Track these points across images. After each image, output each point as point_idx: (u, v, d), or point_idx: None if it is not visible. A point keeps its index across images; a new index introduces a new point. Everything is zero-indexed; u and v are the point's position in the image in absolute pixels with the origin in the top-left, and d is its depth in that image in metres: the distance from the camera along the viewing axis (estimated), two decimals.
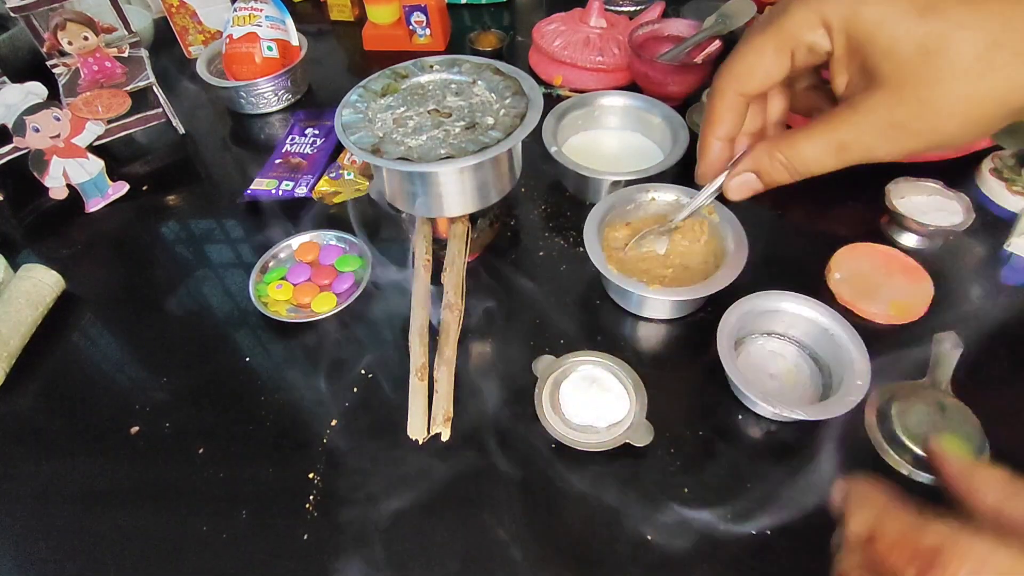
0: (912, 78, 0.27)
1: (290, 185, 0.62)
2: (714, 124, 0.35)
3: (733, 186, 0.35)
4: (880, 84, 0.28)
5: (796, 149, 0.32)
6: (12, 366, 0.50)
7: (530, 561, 0.38)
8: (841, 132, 0.30)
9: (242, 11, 0.73)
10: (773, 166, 0.33)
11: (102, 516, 0.42)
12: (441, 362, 0.45)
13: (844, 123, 0.30)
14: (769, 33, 0.31)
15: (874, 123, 0.29)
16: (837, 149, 0.30)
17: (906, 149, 0.29)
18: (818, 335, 0.46)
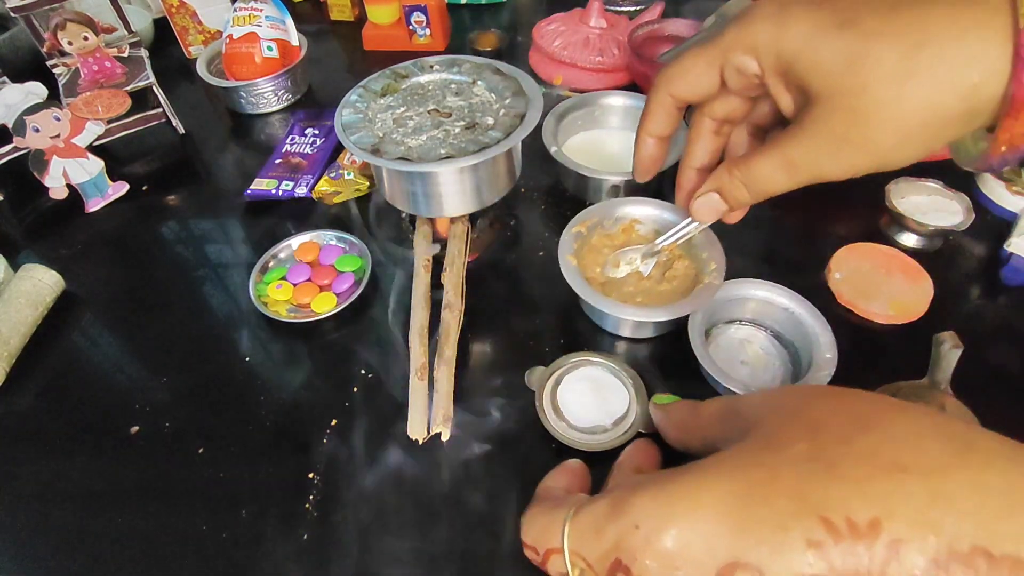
0: (840, 89, 0.27)
1: (290, 185, 0.62)
2: (645, 120, 0.37)
3: (697, 206, 0.37)
4: (815, 99, 0.28)
5: (751, 168, 0.32)
6: (12, 366, 0.50)
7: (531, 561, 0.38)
8: (789, 150, 0.30)
9: (242, 11, 0.73)
10: (733, 183, 0.34)
11: (102, 516, 0.42)
12: (441, 362, 0.45)
13: (791, 140, 0.30)
14: (705, 46, 0.32)
15: (815, 138, 0.29)
16: (787, 167, 0.31)
17: (851, 165, 0.29)
18: (782, 317, 0.47)
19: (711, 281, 0.45)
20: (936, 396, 0.42)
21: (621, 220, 0.51)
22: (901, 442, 0.18)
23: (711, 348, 0.47)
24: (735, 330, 0.48)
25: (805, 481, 0.19)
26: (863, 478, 0.18)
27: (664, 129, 0.37)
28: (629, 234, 0.51)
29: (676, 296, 0.47)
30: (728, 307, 0.48)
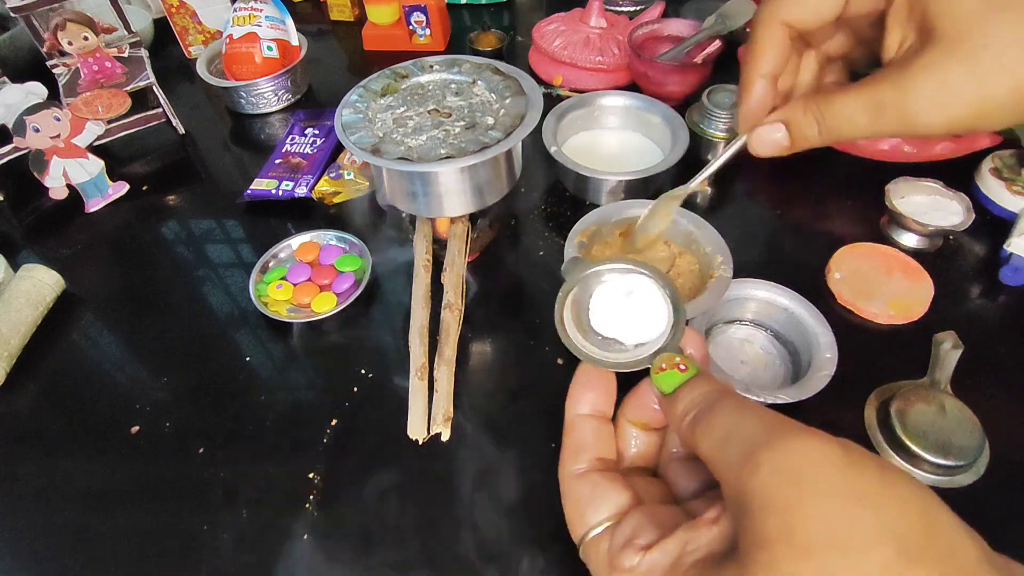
0: (970, 34, 0.25)
1: (290, 185, 0.62)
2: (756, 58, 0.31)
3: (759, 135, 0.32)
4: (935, 41, 0.26)
5: (832, 104, 0.29)
6: (12, 366, 0.50)
7: (532, 561, 0.38)
8: (882, 91, 0.27)
9: (242, 11, 0.73)
10: (806, 119, 0.30)
11: (102, 516, 0.42)
12: (441, 362, 0.45)
13: (887, 81, 0.27)
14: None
15: (922, 80, 0.26)
16: (874, 109, 0.27)
17: (948, 117, 0.26)
18: (782, 317, 0.47)
19: (721, 275, 0.45)
20: (936, 396, 0.42)
21: (619, 224, 0.51)
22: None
23: (711, 348, 0.47)
24: (735, 330, 0.48)
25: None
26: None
27: (778, 66, 0.31)
28: (628, 237, 0.51)
29: (684, 293, 0.48)
30: (728, 307, 0.48)
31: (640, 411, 0.28)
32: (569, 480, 0.27)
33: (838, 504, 0.18)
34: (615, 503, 0.25)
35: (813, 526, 0.18)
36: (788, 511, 0.18)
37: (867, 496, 0.18)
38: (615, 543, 0.23)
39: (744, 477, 0.20)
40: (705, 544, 0.21)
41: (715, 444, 0.22)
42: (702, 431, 0.23)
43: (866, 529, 0.17)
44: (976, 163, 0.57)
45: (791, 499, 0.18)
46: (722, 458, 0.21)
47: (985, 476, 0.40)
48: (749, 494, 0.20)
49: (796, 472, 0.19)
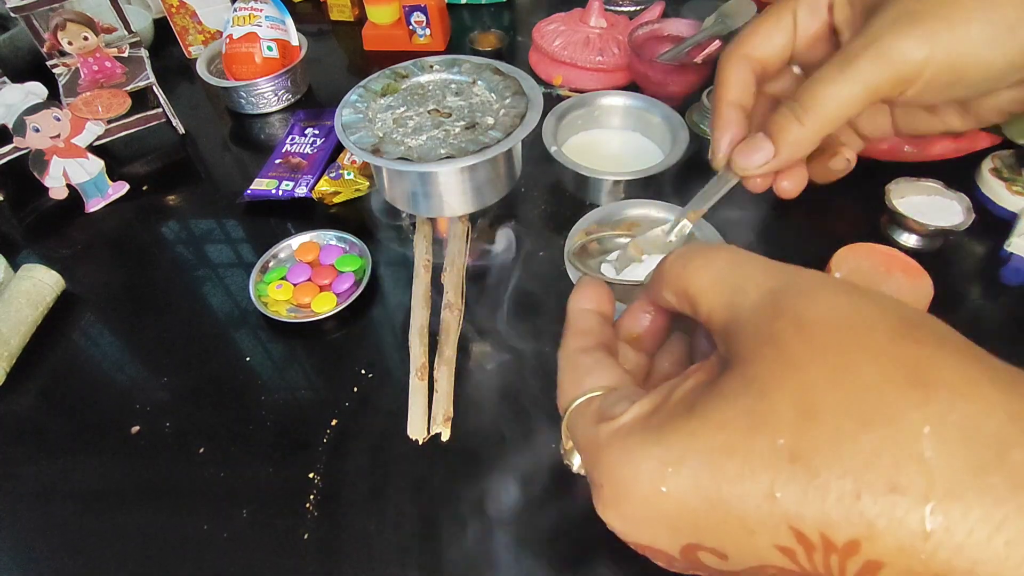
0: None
1: (290, 185, 0.62)
2: (723, 87, 0.32)
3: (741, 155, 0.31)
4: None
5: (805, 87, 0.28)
6: (12, 366, 0.50)
7: (533, 561, 0.38)
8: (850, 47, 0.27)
9: (242, 11, 0.73)
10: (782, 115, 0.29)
11: (102, 516, 0.42)
12: (441, 362, 0.45)
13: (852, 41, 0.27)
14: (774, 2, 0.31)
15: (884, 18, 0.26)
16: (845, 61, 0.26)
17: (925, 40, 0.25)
18: None
19: None
20: None
21: (619, 224, 0.51)
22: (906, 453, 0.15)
23: None
24: None
25: (781, 483, 0.16)
26: (849, 495, 0.15)
27: (745, 95, 0.32)
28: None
29: None
30: None
31: (633, 323, 0.28)
32: (572, 353, 0.26)
33: (843, 295, 0.19)
34: (618, 376, 0.24)
35: (821, 310, 0.18)
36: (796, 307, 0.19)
37: (868, 294, 0.19)
38: (608, 399, 0.22)
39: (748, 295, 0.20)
40: (692, 379, 0.21)
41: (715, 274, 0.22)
42: (700, 263, 0.22)
43: (871, 307, 0.18)
44: (976, 163, 0.57)
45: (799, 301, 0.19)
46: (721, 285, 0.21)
47: None
48: (753, 309, 0.20)
49: (800, 284, 0.20)
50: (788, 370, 0.17)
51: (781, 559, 0.17)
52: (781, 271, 0.21)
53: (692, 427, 0.18)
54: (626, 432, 0.20)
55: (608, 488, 0.19)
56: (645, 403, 0.21)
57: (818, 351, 0.17)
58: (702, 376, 0.20)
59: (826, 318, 0.18)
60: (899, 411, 0.16)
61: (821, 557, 0.16)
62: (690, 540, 0.18)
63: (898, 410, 0.16)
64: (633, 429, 0.20)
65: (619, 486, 0.19)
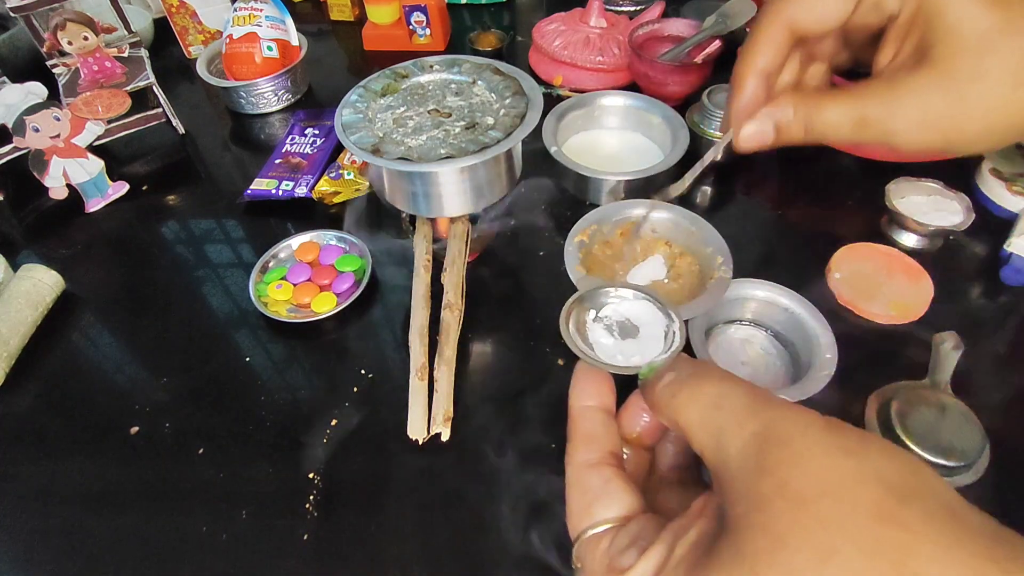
0: (962, 67, 0.26)
1: (290, 185, 0.62)
2: (755, 54, 0.31)
3: (748, 132, 0.32)
4: (928, 65, 0.27)
5: (819, 108, 0.30)
6: (12, 366, 0.50)
7: (532, 561, 0.38)
8: (868, 105, 0.28)
9: (242, 11, 0.73)
10: (795, 121, 0.31)
11: (102, 516, 0.42)
12: (441, 362, 0.45)
13: (875, 97, 0.28)
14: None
15: (906, 105, 0.27)
16: (857, 122, 0.29)
17: (923, 143, 0.28)
18: (782, 317, 0.46)
19: (721, 276, 0.45)
20: (936, 397, 0.42)
21: (619, 224, 0.51)
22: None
23: (711, 348, 0.47)
24: (735, 330, 0.48)
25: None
26: None
27: (773, 66, 0.32)
28: (627, 237, 0.51)
29: (684, 294, 0.47)
30: (728, 307, 0.48)
31: (630, 423, 0.28)
32: (579, 469, 0.26)
33: (827, 458, 0.18)
34: (626, 504, 0.24)
35: (806, 478, 0.18)
36: (780, 468, 0.19)
37: (852, 450, 0.19)
38: (618, 542, 0.23)
39: (733, 444, 0.20)
40: (694, 531, 0.21)
41: (702, 412, 0.22)
42: (686, 397, 0.23)
43: (855, 475, 0.18)
44: (976, 163, 0.57)
45: (782, 458, 0.19)
46: (708, 427, 0.21)
47: (985, 476, 0.40)
48: (739, 461, 0.20)
49: (785, 435, 0.19)
50: (777, 548, 0.18)
51: None
52: (765, 409, 0.21)
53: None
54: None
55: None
56: (651, 559, 0.21)
57: (804, 530, 0.17)
58: (704, 526, 0.21)
59: (810, 487, 0.18)
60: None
61: None
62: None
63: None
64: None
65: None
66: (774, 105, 0.31)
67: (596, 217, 0.51)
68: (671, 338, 0.31)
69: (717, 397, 0.22)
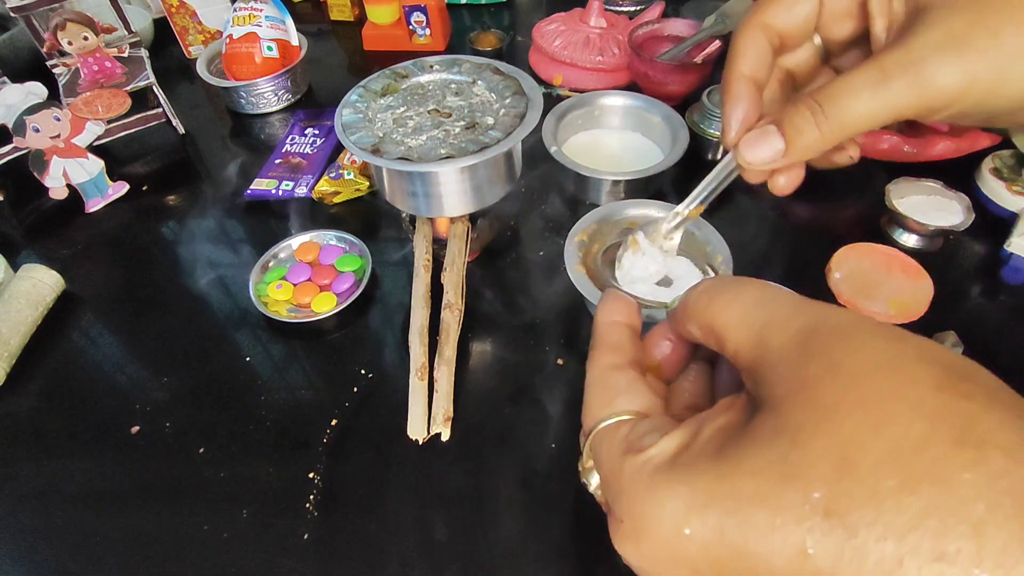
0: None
1: (290, 185, 0.62)
2: (736, 58, 0.30)
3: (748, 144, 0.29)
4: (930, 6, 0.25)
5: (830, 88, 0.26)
6: (12, 366, 0.50)
7: (532, 561, 0.38)
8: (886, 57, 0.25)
9: (242, 11, 0.73)
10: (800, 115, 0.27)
11: (102, 516, 0.42)
12: (441, 362, 0.45)
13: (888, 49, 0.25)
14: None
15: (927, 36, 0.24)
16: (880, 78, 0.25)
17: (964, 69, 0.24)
18: None
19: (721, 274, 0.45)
20: None
21: (619, 224, 0.51)
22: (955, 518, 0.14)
23: None
24: None
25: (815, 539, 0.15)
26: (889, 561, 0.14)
27: (759, 68, 0.30)
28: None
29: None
30: None
31: (654, 351, 0.26)
32: (603, 370, 0.24)
33: (882, 341, 0.17)
34: (649, 402, 0.23)
35: (859, 357, 0.17)
36: (830, 351, 0.17)
37: (907, 337, 0.17)
38: (638, 428, 0.21)
39: (777, 335, 0.19)
40: (723, 417, 0.20)
41: (742, 310, 0.20)
42: (727, 299, 0.21)
43: (913, 354, 0.17)
44: (976, 163, 0.57)
45: (832, 342, 0.18)
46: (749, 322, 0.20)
47: None
48: (783, 349, 0.19)
49: (835, 325, 0.18)
50: (824, 419, 0.16)
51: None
52: (812, 308, 0.19)
53: (721, 471, 0.17)
54: (653, 469, 0.19)
55: (629, 523, 0.19)
56: (674, 438, 0.20)
57: (856, 400, 0.16)
58: (733, 416, 0.20)
59: (864, 364, 0.17)
60: (947, 472, 0.14)
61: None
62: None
63: (946, 471, 0.14)
64: (660, 466, 0.19)
65: (641, 523, 0.18)
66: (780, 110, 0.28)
67: (596, 217, 0.51)
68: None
69: (760, 298, 0.20)
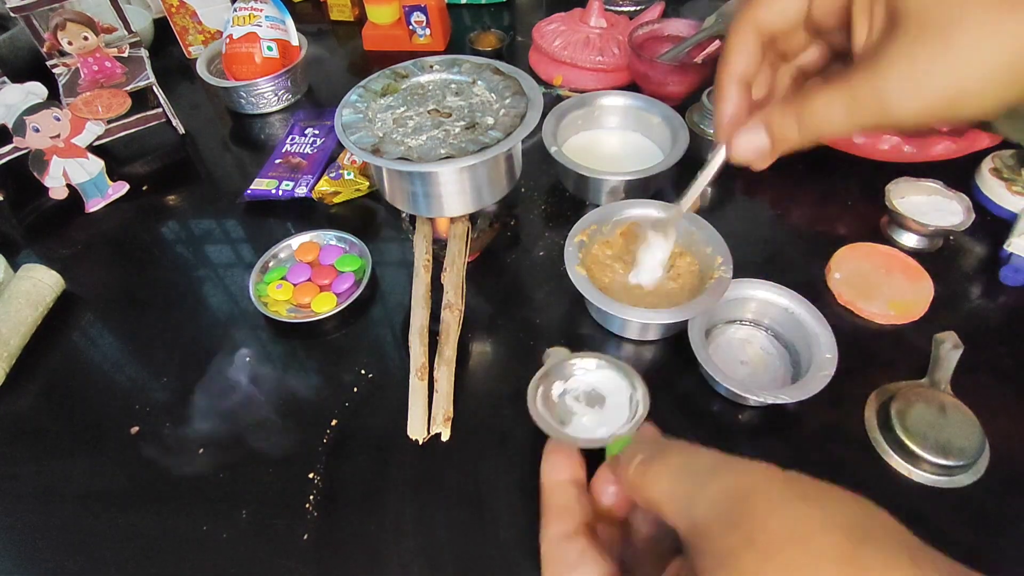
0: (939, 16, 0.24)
1: (290, 185, 0.62)
2: (727, 61, 0.32)
3: (740, 141, 0.31)
4: (903, 24, 0.25)
5: (809, 101, 0.29)
6: (12, 366, 0.50)
7: (531, 561, 0.38)
8: (856, 83, 0.27)
9: (242, 11, 0.73)
10: (785, 119, 0.30)
11: (102, 516, 0.42)
12: (441, 362, 0.45)
13: (859, 72, 0.27)
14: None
15: (894, 72, 0.26)
16: (850, 102, 0.27)
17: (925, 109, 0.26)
18: (782, 317, 0.46)
19: (721, 276, 0.45)
20: (936, 396, 0.42)
21: (619, 224, 0.51)
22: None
23: (711, 348, 0.47)
24: (735, 330, 0.48)
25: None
26: None
27: (750, 69, 0.32)
28: (628, 237, 0.51)
29: (683, 294, 0.47)
30: (728, 307, 0.48)
31: (601, 496, 0.28)
32: (554, 542, 0.26)
33: (788, 507, 0.20)
34: (602, 573, 0.25)
35: (771, 528, 0.19)
36: (745, 522, 0.20)
37: (811, 498, 0.20)
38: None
39: (701, 505, 0.21)
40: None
41: (671, 481, 0.23)
42: (655, 473, 0.24)
43: (816, 522, 0.19)
44: (976, 163, 0.57)
45: (746, 511, 0.20)
46: (677, 494, 0.22)
47: (985, 476, 0.40)
48: (707, 520, 0.21)
49: (747, 490, 0.21)
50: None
51: None
52: (727, 469, 0.22)
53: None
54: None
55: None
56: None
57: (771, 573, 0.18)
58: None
59: (776, 535, 0.19)
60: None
61: None
62: None
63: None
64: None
65: None
66: (762, 111, 0.31)
67: (596, 217, 0.51)
68: (635, 406, 0.33)
69: (682, 466, 0.23)
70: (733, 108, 0.32)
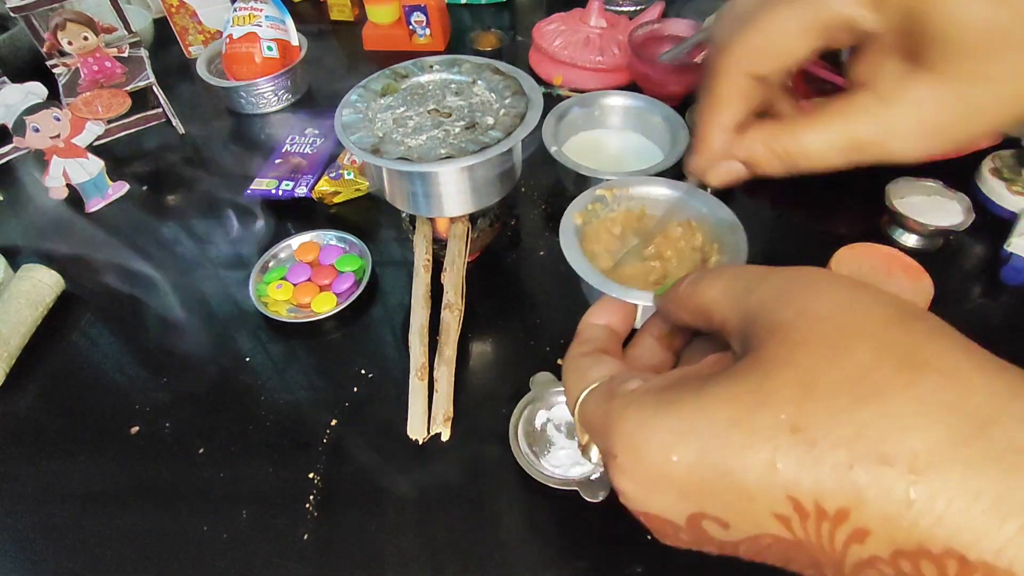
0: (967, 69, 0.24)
1: (290, 185, 0.62)
2: (718, 110, 0.29)
3: (717, 174, 0.31)
4: (927, 72, 0.24)
5: (797, 139, 0.28)
6: (12, 366, 0.50)
7: (531, 561, 0.38)
8: (860, 126, 0.26)
9: (242, 11, 0.73)
10: (767, 158, 0.29)
11: (102, 516, 0.42)
12: (441, 362, 0.45)
13: (865, 115, 0.26)
14: (798, 5, 0.26)
15: (906, 118, 0.25)
16: (848, 145, 0.27)
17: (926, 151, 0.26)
18: None
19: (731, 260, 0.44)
20: None
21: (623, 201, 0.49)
22: (895, 427, 0.16)
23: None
24: None
25: (782, 454, 0.17)
26: (842, 465, 0.16)
27: (740, 117, 0.29)
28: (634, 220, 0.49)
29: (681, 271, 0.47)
30: None
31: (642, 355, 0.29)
32: (574, 358, 0.27)
33: (841, 287, 0.21)
34: (618, 366, 0.25)
35: (823, 301, 0.20)
36: (800, 297, 0.21)
37: (867, 286, 0.21)
38: (617, 378, 0.24)
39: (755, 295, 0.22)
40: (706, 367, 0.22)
41: (724, 285, 0.24)
42: (708, 281, 0.24)
43: (868, 297, 0.20)
44: (976, 163, 0.57)
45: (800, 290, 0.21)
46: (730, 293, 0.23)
47: None
48: (761, 302, 0.22)
49: (802, 278, 0.22)
50: (792, 352, 0.19)
51: (778, 527, 0.18)
52: (782, 269, 0.23)
53: (702, 402, 0.19)
54: (639, 402, 0.21)
55: (622, 456, 0.21)
56: (656, 380, 0.22)
57: (820, 335, 0.19)
58: (715, 366, 0.22)
59: (827, 306, 0.20)
60: (890, 389, 0.17)
61: (814, 525, 0.17)
62: (696, 509, 0.19)
63: (889, 388, 0.17)
64: (646, 399, 0.21)
65: (633, 453, 0.20)
66: (741, 144, 0.29)
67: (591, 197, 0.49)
68: None
69: (736, 273, 0.24)
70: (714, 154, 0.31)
